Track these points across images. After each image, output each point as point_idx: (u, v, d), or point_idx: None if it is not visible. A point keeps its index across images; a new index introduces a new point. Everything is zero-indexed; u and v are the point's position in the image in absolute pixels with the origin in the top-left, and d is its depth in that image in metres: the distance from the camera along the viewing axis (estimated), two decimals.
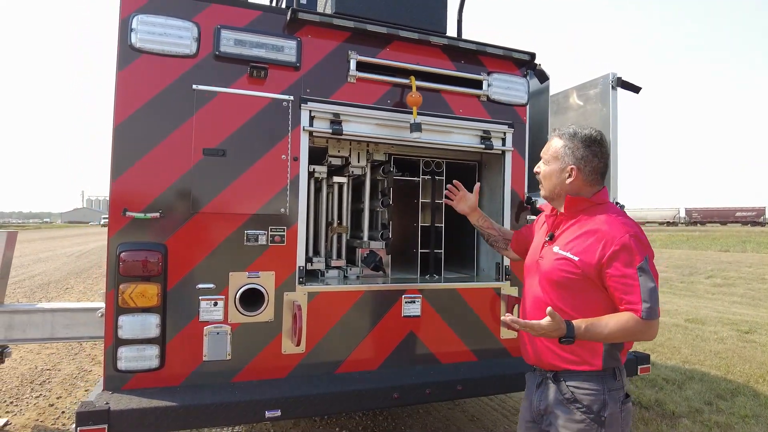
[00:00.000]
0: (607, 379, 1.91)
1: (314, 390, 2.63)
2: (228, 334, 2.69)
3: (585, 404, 1.88)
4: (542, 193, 2.13)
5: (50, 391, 4.94)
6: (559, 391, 1.94)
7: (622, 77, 3.72)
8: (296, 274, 2.81)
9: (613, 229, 1.87)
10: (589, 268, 1.87)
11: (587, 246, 1.89)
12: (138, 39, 2.58)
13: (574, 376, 1.92)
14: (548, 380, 2.00)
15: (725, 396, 4.88)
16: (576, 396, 1.90)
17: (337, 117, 2.93)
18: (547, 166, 2.07)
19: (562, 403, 1.92)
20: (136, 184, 2.57)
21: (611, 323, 1.80)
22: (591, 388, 1.89)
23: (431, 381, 2.85)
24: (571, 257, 1.92)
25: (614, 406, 1.88)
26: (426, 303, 3.13)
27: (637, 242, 1.84)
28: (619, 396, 1.91)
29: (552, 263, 1.98)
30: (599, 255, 1.85)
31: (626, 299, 1.81)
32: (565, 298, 1.94)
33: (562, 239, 2.01)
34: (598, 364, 1.90)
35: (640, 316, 1.78)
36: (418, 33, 3.07)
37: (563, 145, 2.03)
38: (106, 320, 2.55)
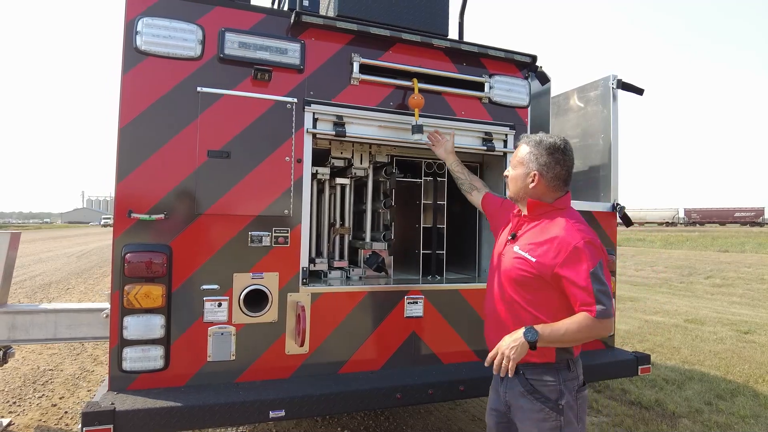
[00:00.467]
0: (562, 371, 2.08)
1: (317, 390, 2.64)
2: (232, 335, 2.71)
3: (544, 394, 2.05)
4: (508, 194, 2.30)
5: (53, 392, 4.95)
6: (520, 383, 2.10)
7: (623, 79, 3.74)
8: (300, 275, 2.83)
9: (569, 234, 2.00)
10: (545, 269, 2.02)
11: (544, 249, 2.04)
12: (143, 42, 2.59)
13: (532, 369, 2.09)
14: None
15: (725, 396, 4.90)
16: (535, 387, 2.07)
17: (340, 119, 2.95)
18: (514, 170, 2.22)
19: (524, 395, 2.09)
20: (141, 185, 2.59)
21: (567, 324, 1.96)
22: (548, 380, 2.06)
23: (434, 381, 2.87)
24: (528, 258, 2.07)
25: (570, 395, 2.06)
26: (428, 304, 3.15)
27: (591, 248, 1.98)
28: (573, 386, 2.08)
29: (511, 261, 2.14)
30: (554, 258, 2.00)
31: (580, 301, 1.95)
32: (522, 295, 2.09)
33: (522, 240, 2.16)
34: (552, 357, 2.07)
35: (594, 316, 1.92)
36: (420, 35, 3.09)
37: (529, 151, 2.16)
38: (111, 321, 2.57)
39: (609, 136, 3.78)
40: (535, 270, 2.04)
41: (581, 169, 4.06)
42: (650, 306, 10.20)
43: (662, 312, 9.55)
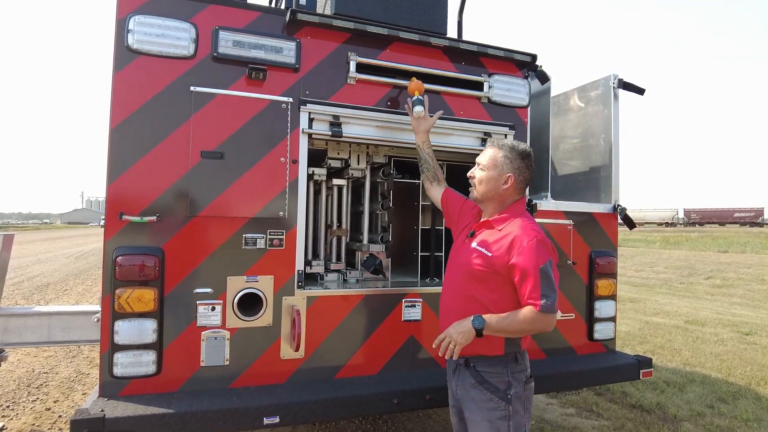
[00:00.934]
0: (510, 363, 2.21)
1: (313, 396, 2.59)
2: (226, 339, 2.65)
3: (493, 384, 2.18)
4: (473, 195, 2.38)
5: (47, 395, 4.90)
6: (471, 375, 2.22)
7: (624, 78, 3.69)
8: (295, 278, 2.77)
9: (524, 233, 2.16)
10: (499, 264, 2.15)
11: (500, 246, 2.18)
12: (135, 40, 2.54)
13: (481, 361, 2.22)
14: (461, 366, 2.28)
15: (727, 399, 4.85)
16: (485, 378, 2.19)
17: (336, 119, 2.89)
18: (485, 172, 2.32)
19: (474, 386, 2.21)
20: (133, 187, 2.53)
21: (513, 316, 2.10)
22: (497, 371, 2.19)
23: (432, 386, 2.81)
24: (485, 253, 2.21)
25: (518, 386, 2.19)
26: (427, 307, 3.09)
27: (542, 246, 2.13)
28: (521, 377, 2.22)
29: (469, 257, 2.26)
30: (507, 253, 2.14)
31: (527, 294, 2.09)
32: (478, 290, 2.21)
33: (480, 237, 2.29)
34: (500, 350, 2.19)
35: (538, 310, 2.06)
36: (418, 34, 3.04)
37: (503, 155, 2.30)
38: (102, 325, 2.51)
39: (610, 136, 3.73)
40: (491, 265, 2.17)
41: (582, 170, 4.01)
42: (650, 307, 10.15)
43: (662, 313, 9.50)
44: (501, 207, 2.31)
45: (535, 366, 3.25)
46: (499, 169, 2.29)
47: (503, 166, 2.29)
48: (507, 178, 2.28)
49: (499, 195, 2.30)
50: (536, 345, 3.36)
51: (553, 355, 3.42)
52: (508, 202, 2.31)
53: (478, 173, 2.34)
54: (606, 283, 3.58)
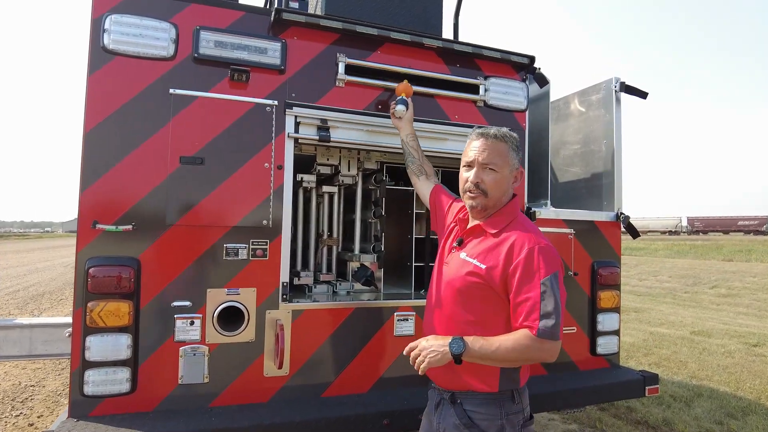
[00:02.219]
0: (505, 402, 1.82)
1: (297, 416, 2.43)
2: (205, 356, 2.50)
3: (482, 429, 1.79)
4: (481, 203, 1.92)
5: (31, 410, 4.74)
6: (456, 414, 1.84)
7: (626, 82, 3.56)
8: (279, 290, 2.62)
9: (522, 238, 1.80)
10: (495, 277, 1.79)
11: (495, 254, 1.82)
12: (111, 40, 2.42)
13: (470, 399, 1.84)
14: (446, 402, 1.91)
15: (736, 414, 4.66)
16: (473, 420, 1.81)
17: (324, 123, 2.76)
18: (498, 172, 1.90)
19: (458, 427, 1.82)
20: (108, 194, 2.40)
21: (502, 340, 1.70)
22: (488, 413, 1.80)
23: (425, 406, 2.65)
24: (477, 265, 1.84)
25: (511, 429, 1.80)
26: (420, 321, 2.93)
27: (546, 254, 1.76)
28: (518, 420, 1.83)
29: (457, 270, 1.90)
30: (505, 264, 1.78)
31: (524, 314, 1.71)
32: (465, 310, 1.85)
33: (471, 246, 1.93)
34: (495, 385, 1.81)
35: (534, 334, 1.67)
36: (410, 35, 2.90)
37: (508, 147, 1.93)
38: (73, 341, 2.36)
39: (612, 141, 3.59)
40: (483, 279, 1.81)
41: (583, 177, 3.87)
42: (655, 317, 9.95)
43: (667, 323, 9.30)
44: (496, 208, 1.94)
45: (535, 383, 3.10)
46: (510, 165, 1.92)
47: (513, 161, 1.93)
48: (518, 175, 1.96)
49: (507, 196, 1.96)
50: None
51: (554, 371, 3.26)
52: (503, 202, 1.95)
53: (490, 177, 1.90)
54: (609, 294, 3.42)
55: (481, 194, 1.91)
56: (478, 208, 1.94)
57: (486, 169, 1.90)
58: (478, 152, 1.93)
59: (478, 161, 1.92)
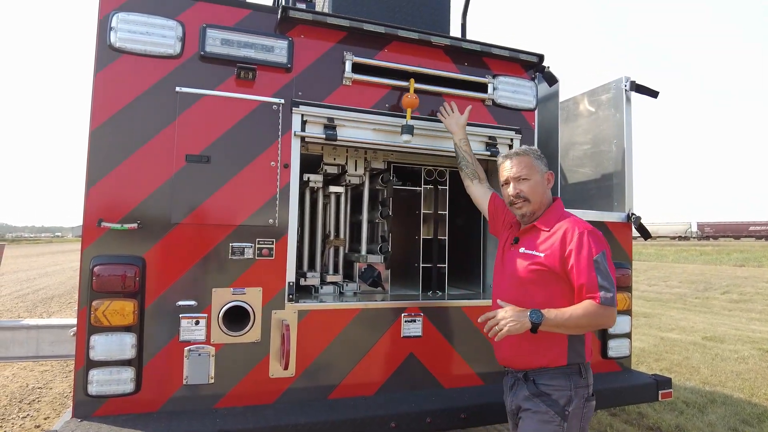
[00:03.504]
0: (574, 377, 2.07)
1: (303, 418, 2.39)
2: (211, 356, 2.47)
3: (552, 398, 2.03)
4: (528, 209, 2.23)
5: (38, 411, 4.74)
6: (528, 389, 2.09)
7: (637, 81, 3.51)
8: (285, 290, 2.59)
9: (573, 226, 2.10)
10: (554, 261, 2.07)
11: (551, 243, 2.11)
12: (118, 38, 2.41)
13: (542, 374, 2.08)
14: (520, 380, 2.15)
15: (751, 421, 4.56)
16: (544, 391, 2.05)
17: (331, 121, 2.73)
18: (530, 179, 2.23)
19: (529, 398, 2.07)
20: (113, 192, 2.38)
21: (572, 309, 1.98)
22: (559, 385, 2.05)
23: (433, 408, 2.60)
24: (537, 254, 2.13)
25: (579, 401, 2.03)
26: (428, 322, 2.89)
27: (594, 238, 2.06)
28: (584, 393, 2.07)
29: (520, 263, 2.18)
30: (561, 248, 2.07)
31: (584, 288, 1.99)
32: (531, 292, 2.11)
33: (526, 241, 2.22)
34: (564, 360, 2.07)
35: (598, 302, 1.96)
36: (418, 33, 2.88)
37: (531, 158, 2.26)
38: (77, 340, 2.35)
39: (622, 141, 3.54)
40: (545, 265, 2.09)
41: (593, 177, 3.81)
42: (665, 322, 9.81)
43: (678, 329, 9.16)
44: (542, 209, 2.25)
45: None
46: (538, 171, 2.25)
47: (540, 167, 2.26)
48: (548, 177, 2.28)
49: (547, 197, 2.27)
50: None
51: None
52: (546, 203, 2.26)
53: (525, 185, 2.23)
54: (620, 297, 3.35)
55: (525, 201, 2.23)
56: (527, 215, 2.25)
57: (520, 180, 2.24)
58: (509, 170, 2.28)
59: (511, 177, 2.26)
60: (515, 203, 2.26)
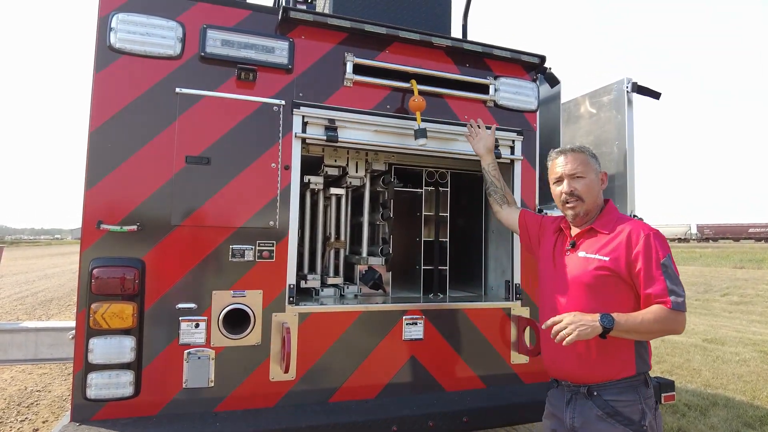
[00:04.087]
0: (641, 388, 1.95)
1: (303, 421, 2.37)
2: (210, 359, 2.45)
3: (625, 416, 1.90)
4: (582, 209, 2.11)
5: (37, 415, 4.71)
6: (596, 405, 1.95)
7: (638, 82, 3.49)
8: (286, 292, 2.57)
9: (637, 229, 2.00)
10: (620, 266, 1.96)
11: (615, 247, 1.99)
12: (117, 39, 2.40)
13: (608, 389, 1.95)
14: (580, 395, 2.01)
15: (753, 424, 4.54)
16: (616, 408, 1.92)
17: (332, 123, 2.72)
18: (586, 177, 2.11)
19: (602, 418, 1.93)
20: (113, 194, 2.36)
21: (644, 314, 1.87)
22: (628, 399, 1.93)
23: (434, 412, 2.58)
24: (601, 258, 2.00)
25: (651, 413, 1.93)
26: (429, 325, 2.87)
27: (660, 240, 1.97)
28: (652, 403, 1.97)
29: (581, 268, 2.05)
30: (626, 252, 1.96)
31: (654, 293, 1.89)
32: (596, 299, 1.98)
33: (587, 245, 2.09)
34: (632, 370, 1.95)
35: (669, 307, 1.86)
36: (419, 34, 2.86)
37: (586, 155, 2.14)
38: (76, 343, 2.32)
39: (624, 143, 3.52)
40: (610, 269, 1.98)
41: None
42: None
43: None
44: (597, 210, 2.15)
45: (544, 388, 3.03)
46: (594, 170, 2.14)
47: (595, 166, 2.15)
48: (603, 177, 2.18)
49: (600, 198, 2.17)
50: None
51: None
52: (600, 204, 2.16)
53: (579, 184, 2.10)
54: None
55: (578, 200, 2.11)
56: (580, 215, 2.13)
57: (574, 178, 2.12)
58: (562, 166, 2.16)
59: (565, 174, 2.14)
60: (568, 202, 2.12)
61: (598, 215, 2.13)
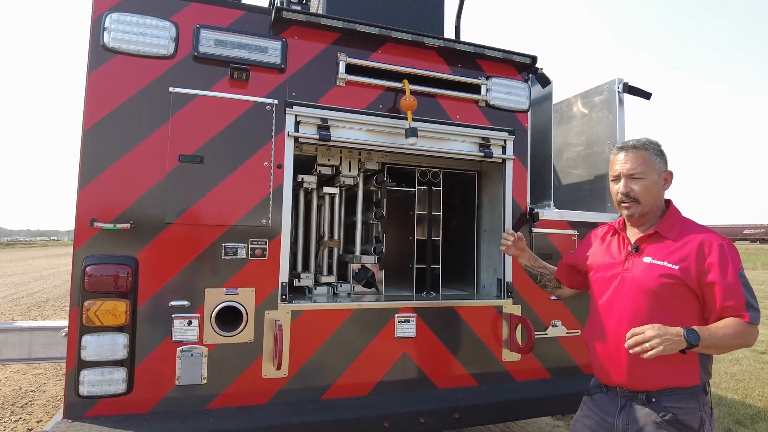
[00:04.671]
0: (700, 394, 1.88)
1: (295, 418, 2.39)
2: (203, 356, 2.47)
3: (685, 424, 1.84)
4: (637, 210, 1.99)
5: (31, 415, 4.70)
6: (654, 412, 1.87)
7: (630, 83, 3.53)
8: (279, 290, 2.59)
9: (710, 237, 1.90)
10: (690, 275, 1.86)
11: (684, 254, 1.89)
12: (111, 38, 2.42)
13: (668, 395, 1.87)
14: (637, 401, 1.92)
15: (745, 422, 4.57)
16: (677, 416, 1.84)
17: (325, 122, 2.74)
18: (646, 178, 1.98)
19: (661, 426, 1.85)
20: (106, 192, 2.38)
21: (724, 329, 1.78)
22: (689, 406, 1.86)
23: (426, 409, 2.61)
24: (670, 266, 1.89)
25: (708, 420, 1.87)
26: (421, 322, 2.89)
27: (732, 250, 1.88)
28: (709, 410, 1.91)
29: (646, 273, 1.93)
30: (698, 262, 1.86)
31: (731, 306, 1.80)
32: (658, 307, 1.89)
33: (652, 251, 1.97)
34: (696, 379, 1.87)
35: (747, 321, 1.78)
36: (411, 34, 2.89)
37: (653, 153, 2.00)
38: (69, 340, 2.34)
39: (615, 142, 3.55)
40: (678, 278, 1.87)
41: (586, 179, 3.83)
42: None
43: None
44: (660, 213, 2.02)
45: (540, 387, 3.06)
46: (657, 169, 1.99)
47: (659, 165, 2.00)
48: (666, 176, 2.02)
49: (662, 200, 2.04)
50: (539, 363, 3.14)
51: (559, 375, 3.20)
52: (662, 207, 2.03)
53: (637, 185, 1.97)
54: None
55: (634, 202, 1.99)
56: (635, 216, 2.02)
57: (632, 179, 1.99)
58: (621, 164, 2.02)
59: (623, 173, 2.01)
60: (624, 202, 2.01)
61: (662, 218, 2.02)
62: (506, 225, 3.16)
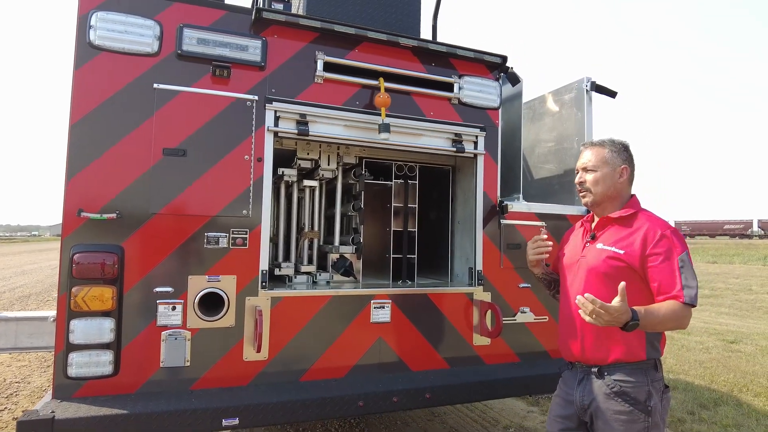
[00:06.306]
0: (650, 371, 2.05)
1: (274, 398, 2.53)
2: (187, 340, 2.60)
3: (632, 396, 2.01)
4: (588, 200, 2.24)
5: (16, 405, 4.78)
6: (606, 385, 2.06)
7: (597, 81, 3.71)
8: (259, 278, 2.73)
9: (654, 225, 2.08)
10: (634, 259, 2.04)
11: (631, 240, 2.08)
12: (97, 36, 2.52)
13: (618, 369, 2.05)
14: (592, 375, 2.11)
15: (708, 405, 4.81)
16: (623, 389, 2.02)
17: (303, 117, 2.87)
18: (597, 171, 2.21)
19: (610, 396, 2.04)
20: (93, 183, 2.49)
21: (662, 309, 1.93)
22: (637, 380, 2.02)
23: (398, 389, 2.76)
24: (616, 251, 2.09)
25: (657, 395, 2.03)
26: (396, 308, 3.05)
27: (677, 237, 2.05)
28: (659, 386, 2.06)
29: (598, 258, 2.14)
30: (642, 247, 2.04)
31: (669, 287, 1.97)
32: (607, 288, 2.04)
33: (605, 237, 2.18)
34: (642, 355, 2.04)
35: (682, 302, 1.93)
36: (386, 34, 3.03)
37: (609, 150, 2.23)
38: (57, 325, 2.45)
39: (583, 138, 3.73)
40: (624, 262, 2.06)
41: (556, 173, 4.01)
42: None
43: None
44: (621, 203, 2.21)
45: (510, 369, 3.23)
46: (611, 164, 2.21)
47: (614, 161, 2.21)
48: (621, 171, 2.21)
49: (617, 191, 2.21)
50: (508, 348, 3.32)
51: (528, 360, 3.38)
52: (625, 198, 2.23)
53: (589, 176, 2.22)
54: None
55: (587, 192, 2.24)
56: (589, 203, 2.27)
57: (586, 171, 2.25)
58: (580, 159, 2.30)
59: (579, 166, 2.29)
60: (580, 192, 2.28)
61: (620, 209, 2.20)
62: (477, 218, 3.32)
